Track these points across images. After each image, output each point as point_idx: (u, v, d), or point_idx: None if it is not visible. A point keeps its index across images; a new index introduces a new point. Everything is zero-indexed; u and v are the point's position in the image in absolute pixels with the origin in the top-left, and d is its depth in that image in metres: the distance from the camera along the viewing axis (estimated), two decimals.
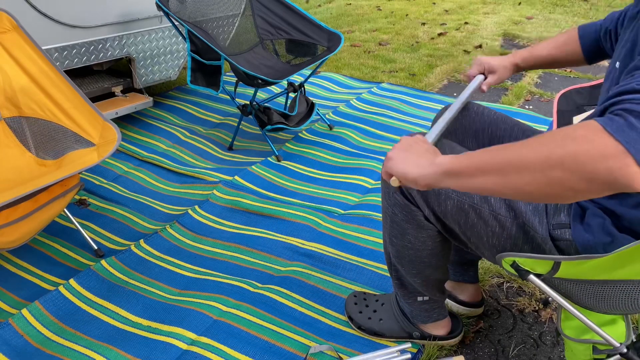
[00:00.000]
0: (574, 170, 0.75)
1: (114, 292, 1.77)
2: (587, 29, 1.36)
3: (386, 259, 1.43)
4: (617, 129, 0.73)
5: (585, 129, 0.76)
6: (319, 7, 6.24)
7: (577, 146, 0.74)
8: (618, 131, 0.73)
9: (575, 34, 1.38)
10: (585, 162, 0.73)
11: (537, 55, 1.44)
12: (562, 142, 0.76)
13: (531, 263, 1.06)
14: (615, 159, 0.72)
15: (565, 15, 5.33)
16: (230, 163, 2.62)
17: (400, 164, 0.98)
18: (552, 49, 1.42)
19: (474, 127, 1.42)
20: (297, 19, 2.92)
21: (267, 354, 1.51)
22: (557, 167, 0.76)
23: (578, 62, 1.40)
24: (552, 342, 1.56)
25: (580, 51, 1.38)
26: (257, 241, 2.01)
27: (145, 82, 2.95)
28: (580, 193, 0.77)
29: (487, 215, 1.15)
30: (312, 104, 2.76)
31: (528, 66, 1.47)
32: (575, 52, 1.39)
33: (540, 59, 1.44)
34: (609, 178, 0.73)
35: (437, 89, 3.60)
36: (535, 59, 1.45)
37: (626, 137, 0.72)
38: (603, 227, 1.03)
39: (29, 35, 2.00)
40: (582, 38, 1.37)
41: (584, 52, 1.37)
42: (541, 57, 1.44)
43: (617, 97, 0.79)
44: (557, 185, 0.77)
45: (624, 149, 0.72)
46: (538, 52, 1.44)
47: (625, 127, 0.73)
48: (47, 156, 2.06)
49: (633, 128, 0.73)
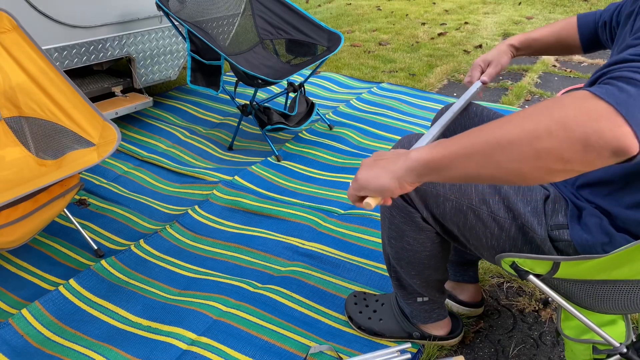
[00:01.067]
0: (562, 137, 0.70)
1: (114, 292, 1.77)
2: (585, 18, 1.37)
3: (385, 260, 1.43)
4: (606, 93, 0.70)
5: (572, 96, 0.72)
6: (319, 7, 6.24)
7: (564, 112, 0.70)
8: (607, 94, 0.70)
9: (574, 21, 1.39)
10: (574, 126, 0.69)
11: (533, 38, 1.43)
12: (547, 111, 0.72)
13: (530, 263, 1.06)
14: (605, 120, 0.68)
15: (565, 15, 5.33)
16: (230, 163, 2.62)
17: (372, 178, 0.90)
18: (549, 34, 1.41)
19: (473, 127, 1.42)
20: (297, 19, 2.92)
21: (267, 354, 1.51)
22: (544, 137, 0.71)
23: (573, 50, 1.40)
24: (552, 342, 1.56)
25: (577, 39, 1.38)
26: (257, 241, 2.01)
27: (145, 82, 2.95)
28: (570, 164, 0.72)
29: (486, 216, 1.15)
30: (312, 104, 2.76)
31: (524, 48, 1.45)
32: (572, 39, 1.39)
33: (537, 42, 1.43)
34: (599, 142, 0.69)
35: (437, 89, 3.60)
36: (531, 41, 1.44)
37: (616, 98, 0.69)
38: (601, 227, 1.03)
39: (29, 35, 2.00)
40: (581, 27, 1.37)
41: (581, 41, 1.37)
42: (537, 41, 1.43)
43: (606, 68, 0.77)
44: (546, 156, 0.72)
45: (614, 110, 0.68)
46: (535, 36, 1.43)
47: (614, 90, 0.70)
48: (47, 156, 2.06)
49: (623, 90, 0.70)
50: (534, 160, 0.73)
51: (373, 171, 0.90)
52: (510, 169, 0.76)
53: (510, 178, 0.77)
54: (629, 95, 0.69)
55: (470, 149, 0.79)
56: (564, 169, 0.73)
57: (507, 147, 0.75)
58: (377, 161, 0.92)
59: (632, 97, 0.69)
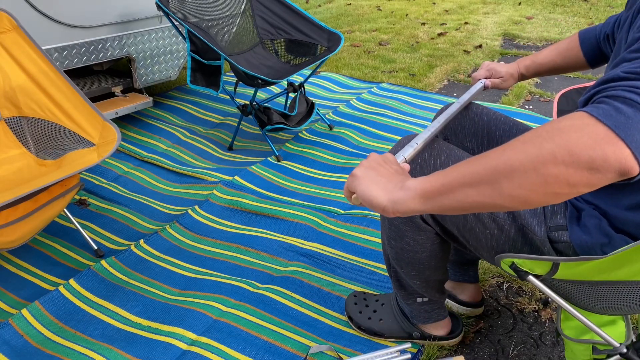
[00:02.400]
0: (568, 162, 0.70)
1: (114, 292, 1.77)
2: (587, 34, 1.38)
3: (385, 261, 1.44)
4: (603, 114, 0.70)
5: (570, 119, 0.72)
6: (319, 7, 6.24)
7: (566, 136, 0.70)
8: (605, 116, 0.70)
9: (576, 39, 1.40)
10: (578, 151, 0.69)
11: (539, 62, 1.45)
12: (548, 135, 0.72)
13: (530, 264, 1.06)
14: (607, 144, 0.69)
15: (565, 15, 5.33)
16: (230, 163, 2.62)
17: (366, 185, 0.88)
18: (555, 56, 1.43)
19: (473, 127, 1.42)
20: (297, 19, 2.92)
21: (267, 354, 1.51)
22: (549, 162, 0.71)
23: (581, 67, 1.42)
24: (552, 342, 1.56)
25: (582, 56, 1.39)
26: (257, 241, 2.01)
27: (145, 82, 2.95)
28: (576, 187, 0.72)
29: (486, 217, 1.15)
30: (312, 104, 2.76)
31: (531, 74, 1.48)
32: (578, 57, 1.40)
33: (544, 66, 1.46)
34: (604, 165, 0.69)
35: (437, 89, 3.60)
36: (537, 66, 1.46)
37: (614, 121, 0.69)
38: (600, 228, 1.03)
39: (29, 35, 2.00)
40: (583, 43, 1.38)
41: (585, 57, 1.39)
42: (544, 65, 1.45)
43: (600, 85, 0.77)
44: (554, 182, 0.72)
45: (614, 133, 0.69)
46: (541, 60, 1.45)
47: (611, 111, 0.70)
48: (47, 156, 2.06)
49: (620, 112, 0.70)
50: (541, 186, 0.73)
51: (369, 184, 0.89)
52: (515, 196, 0.75)
53: (513, 205, 0.77)
54: (627, 117, 0.70)
55: (470, 178, 0.78)
56: (569, 193, 0.73)
57: (512, 173, 0.74)
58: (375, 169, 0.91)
59: (630, 119, 0.70)
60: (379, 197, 0.86)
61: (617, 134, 0.69)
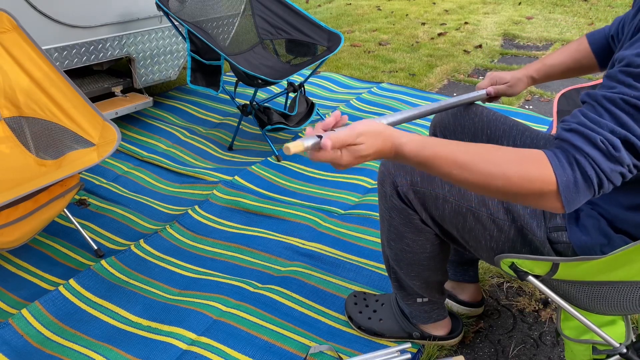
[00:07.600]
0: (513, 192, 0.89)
1: (113, 292, 1.77)
2: (596, 35, 1.35)
3: (384, 262, 1.44)
4: (561, 168, 0.85)
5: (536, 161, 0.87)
6: (319, 7, 6.24)
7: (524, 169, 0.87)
8: (561, 173, 0.85)
9: (584, 41, 1.36)
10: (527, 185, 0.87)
11: (550, 64, 1.41)
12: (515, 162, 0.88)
13: (529, 264, 1.06)
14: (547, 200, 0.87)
15: (565, 15, 5.33)
16: (230, 163, 2.62)
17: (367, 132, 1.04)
18: (565, 57, 1.39)
19: (472, 127, 1.42)
20: (297, 19, 2.92)
21: (267, 354, 1.51)
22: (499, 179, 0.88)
23: (591, 69, 1.38)
24: (552, 342, 1.56)
25: (592, 57, 1.35)
26: (257, 241, 2.01)
27: (145, 82, 2.95)
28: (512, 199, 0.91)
29: (485, 218, 1.15)
30: (312, 104, 2.76)
31: (542, 76, 1.43)
32: (588, 59, 1.36)
33: (554, 68, 1.41)
34: (537, 205, 0.90)
35: (437, 89, 3.60)
36: (548, 68, 1.42)
37: (566, 182, 0.85)
38: (599, 228, 1.03)
39: (29, 35, 2.00)
40: (593, 45, 1.35)
41: (597, 58, 1.35)
42: (555, 66, 1.41)
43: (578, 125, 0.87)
44: (494, 189, 0.90)
45: (558, 194, 0.85)
46: (551, 62, 1.41)
47: (568, 171, 0.85)
48: (47, 156, 2.06)
49: (574, 171, 0.85)
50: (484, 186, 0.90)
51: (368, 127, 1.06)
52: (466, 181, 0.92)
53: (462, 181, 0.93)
54: (575, 182, 0.85)
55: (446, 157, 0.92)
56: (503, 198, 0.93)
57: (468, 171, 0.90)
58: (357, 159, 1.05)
59: (577, 186, 0.85)
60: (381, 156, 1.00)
61: (560, 194, 0.85)
